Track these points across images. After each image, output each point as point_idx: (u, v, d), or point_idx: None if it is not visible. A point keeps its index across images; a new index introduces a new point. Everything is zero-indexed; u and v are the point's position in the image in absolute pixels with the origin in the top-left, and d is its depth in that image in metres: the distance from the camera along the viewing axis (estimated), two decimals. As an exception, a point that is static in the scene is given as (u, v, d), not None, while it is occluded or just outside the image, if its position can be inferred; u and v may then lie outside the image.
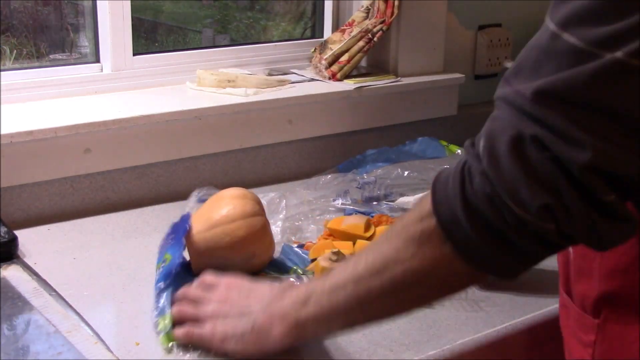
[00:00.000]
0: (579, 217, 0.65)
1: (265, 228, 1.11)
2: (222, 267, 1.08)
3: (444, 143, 1.62)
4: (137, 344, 0.96)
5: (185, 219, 1.10)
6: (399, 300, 0.80)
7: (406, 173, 1.46)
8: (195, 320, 0.94)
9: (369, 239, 1.20)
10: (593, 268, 0.81)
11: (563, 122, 0.64)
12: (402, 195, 1.40)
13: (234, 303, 0.92)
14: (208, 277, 1.00)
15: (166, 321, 0.96)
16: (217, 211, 1.10)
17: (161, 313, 0.98)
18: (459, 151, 1.56)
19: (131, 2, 1.51)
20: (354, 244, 1.19)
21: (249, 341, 0.88)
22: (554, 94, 0.65)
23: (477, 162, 0.70)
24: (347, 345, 0.98)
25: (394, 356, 0.96)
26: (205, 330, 0.92)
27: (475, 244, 0.71)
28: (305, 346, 0.97)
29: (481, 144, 0.70)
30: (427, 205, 0.74)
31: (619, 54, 0.62)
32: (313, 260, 1.15)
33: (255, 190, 1.19)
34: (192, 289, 0.99)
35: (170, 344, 0.94)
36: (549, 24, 0.67)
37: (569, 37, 0.65)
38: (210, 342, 0.91)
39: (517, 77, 0.69)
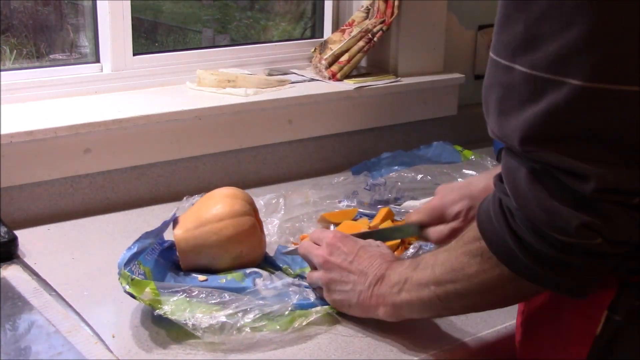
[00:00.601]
0: (622, 221, 0.67)
1: (254, 228, 1.11)
2: (210, 265, 1.09)
3: (459, 148, 1.60)
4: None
5: (172, 217, 1.12)
6: (476, 301, 0.86)
7: (419, 177, 1.46)
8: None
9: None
10: None
11: (556, 158, 0.67)
12: (413, 199, 1.39)
13: (341, 272, 1.00)
14: (314, 234, 1.07)
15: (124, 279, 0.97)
16: (207, 210, 1.10)
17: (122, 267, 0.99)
18: (473, 157, 1.56)
19: (131, 2, 1.51)
20: None
21: (356, 310, 0.99)
22: (539, 136, 0.67)
23: (507, 197, 0.73)
24: (347, 345, 0.98)
25: (394, 356, 0.96)
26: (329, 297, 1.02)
27: (536, 272, 0.74)
28: (306, 346, 0.97)
29: (505, 180, 0.73)
30: (474, 230, 0.79)
31: (574, 80, 0.64)
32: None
33: (255, 190, 1.20)
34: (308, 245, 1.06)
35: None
36: (499, 59, 0.69)
37: (518, 67, 0.67)
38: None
39: (499, 118, 0.71)
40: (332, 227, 1.26)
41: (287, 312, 1.00)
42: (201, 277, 1.07)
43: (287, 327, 0.99)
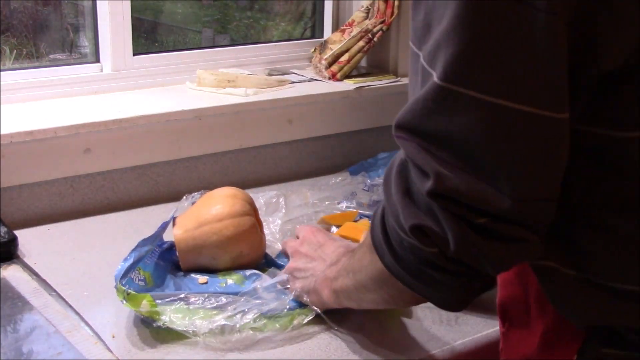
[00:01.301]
0: (456, 238, 0.64)
1: (254, 228, 1.11)
2: (210, 265, 1.09)
3: None
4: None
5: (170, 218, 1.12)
6: (375, 296, 0.86)
7: None
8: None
9: None
10: (497, 278, 0.82)
11: (413, 148, 0.65)
12: None
13: (305, 260, 1.03)
14: (297, 230, 1.11)
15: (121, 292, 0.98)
16: (206, 210, 1.11)
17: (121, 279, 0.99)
18: None
19: (131, 2, 1.51)
20: None
21: (313, 298, 0.99)
22: (405, 125, 0.66)
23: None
24: (347, 345, 0.98)
25: (394, 356, 0.96)
26: (292, 286, 1.03)
27: (410, 280, 0.73)
28: (305, 346, 0.97)
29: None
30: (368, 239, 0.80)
31: (435, 75, 0.62)
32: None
33: (255, 190, 1.19)
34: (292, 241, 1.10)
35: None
36: (411, 45, 0.69)
37: (419, 53, 0.66)
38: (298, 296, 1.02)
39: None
40: (333, 228, 1.26)
41: (285, 311, 1.00)
42: (201, 278, 1.07)
43: (287, 326, 0.99)
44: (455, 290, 0.72)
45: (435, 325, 1.03)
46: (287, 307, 1.00)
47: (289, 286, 1.03)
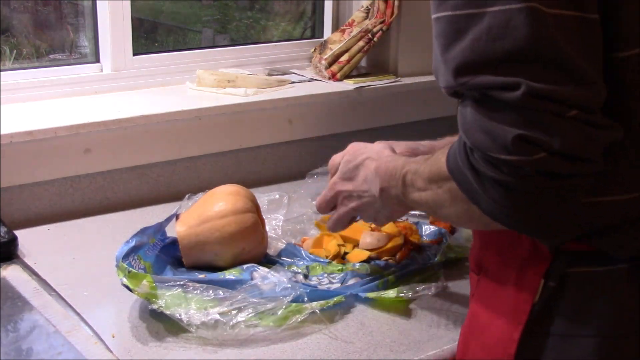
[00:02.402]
0: (560, 130, 0.69)
1: (256, 225, 1.11)
2: (213, 261, 1.10)
3: None
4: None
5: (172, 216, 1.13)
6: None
7: None
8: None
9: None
10: (475, 232, 0.92)
11: (489, 80, 0.70)
12: None
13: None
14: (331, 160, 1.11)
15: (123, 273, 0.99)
16: (209, 207, 1.11)
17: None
18: None
19: (131, 2, 1.51)
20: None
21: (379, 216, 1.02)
22: (471, 64, 0.71)
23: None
24: (347, 345, 0.98)
25: (394, 356, 0.96)
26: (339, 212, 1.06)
27: (499, 210, 0.75)
28: (306, 346, 0.97)
29: (459, 118, 0.76)
30: (444, 170, 0.81)
31: (493, 8, 0.69)
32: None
33: (255, 190, 1.19)
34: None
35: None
36: (432, 16, 0.75)
37: (444, 14, 0.72)
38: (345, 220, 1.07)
39: (437, 75, 0.77)
40: None
41: (280, 312, 1.00)
42: (201, 275, 1.07)
43: (280, 324, 0.99)
44: (546, 212, 0.75)
45: (434, 326, 1.03)
46: (284, 307, 1.00)
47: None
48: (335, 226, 1.09)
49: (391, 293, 1.06)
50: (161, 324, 0.99)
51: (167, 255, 1.10)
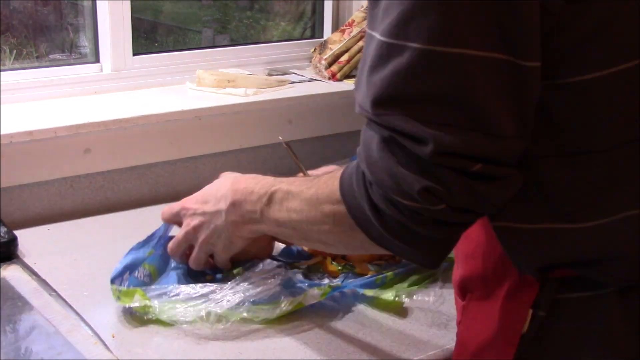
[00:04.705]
0: (459, 188, 0.69)
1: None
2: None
3: None
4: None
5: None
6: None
7: None
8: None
9: None
10: (457, 254, 0.88)
11: (401, 122, 0.69)
12: None
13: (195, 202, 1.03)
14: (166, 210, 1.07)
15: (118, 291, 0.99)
16: None
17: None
18: None
19: (131, 2, 1.51)
20: None
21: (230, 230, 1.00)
22: (386, 99, 0.69)
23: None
24: (347, 345, 0.98)
25: (394, 356, 0.96)
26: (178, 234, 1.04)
27: (389, 240, 0.77)
28: (306, 345, 0.97)
29: (361, 148, 0.76)
30: (337, 193, 0.82)
31: (414, 44, 0.67)
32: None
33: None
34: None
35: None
36: (368, 30, 0.73)
37: (375, 34, 0.71)
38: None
39: (357, 90, 0.75)
40: None
41: (278, 308, 1.00)
42: (208, 277, 1.08)
43: (271, 316, 1.00)
44: (436, 246, 0.77)
45: (434, 326, 1.03)
46: (272, 294, 1.01)
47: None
48: (175, 251, 1.05)
49: (389, 295, 1.06)
50: (161, 324, 0.99)
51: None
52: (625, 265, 0.75)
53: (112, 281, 1.00)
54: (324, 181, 0.86)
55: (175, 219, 1.06)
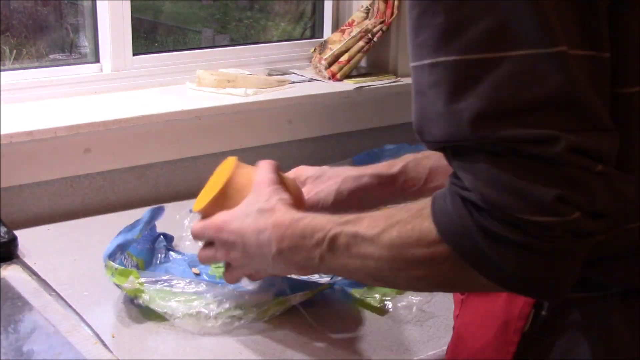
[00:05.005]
0: (594, 189, 0.64)
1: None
2: None
3: None
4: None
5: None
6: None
7: None
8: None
9: None
10: None
11: (517, 132, 0.64)
12: None
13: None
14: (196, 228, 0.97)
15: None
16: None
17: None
18: None
19: (131, 2, 1.51)
20: None
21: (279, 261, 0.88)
22: (492, 117, 0.64)
23: (469, 192, 0.68)
24: (347, 345, 0.98)
25: (394, 356, 0.96)
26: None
27: (509, 272, 0.68)
28: (305, 345, 0.97)
29: (463, 175, 0.68)
30: (432, 233, 0.71)
31: (513, 52, 0.63)
32: None
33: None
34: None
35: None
36: (419, 63, 0.68)
37: (439, 59, 0.65)
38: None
39: (425, 127, 0.72)
40: None
41: (265, 304, 1.00)
42: (195, 269, 1.10)
43: (263, 317, 1.00)
44: (558, 270, 0.69)
45: (434, 326, 1.03)
46: (267, 302, 1.01)
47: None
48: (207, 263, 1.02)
49: (375, 298, 1.06)
50: (161, 324, 0.99)
51: (159, 245, 1.13)
52: (628, 266, 0.75)
53: (109, 257, 1.00)
54: (405, 220, 0.75)
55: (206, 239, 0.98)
